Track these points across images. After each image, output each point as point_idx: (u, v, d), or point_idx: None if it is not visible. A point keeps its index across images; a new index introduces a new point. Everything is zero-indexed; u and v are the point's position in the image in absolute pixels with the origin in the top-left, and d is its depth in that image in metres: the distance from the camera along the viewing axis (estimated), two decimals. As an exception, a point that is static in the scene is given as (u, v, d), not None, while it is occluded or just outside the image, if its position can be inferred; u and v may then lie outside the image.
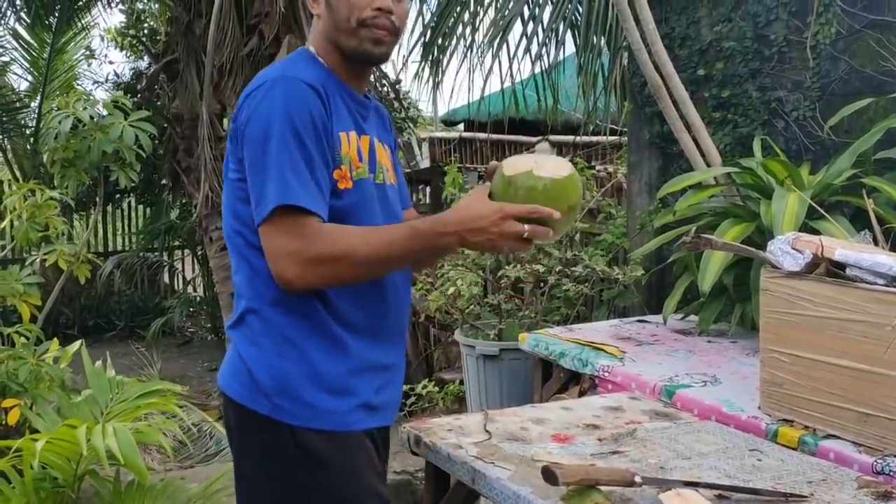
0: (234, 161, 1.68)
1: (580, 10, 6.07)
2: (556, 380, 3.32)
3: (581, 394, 3.13)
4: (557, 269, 4.41)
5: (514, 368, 4.16)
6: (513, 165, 1.62)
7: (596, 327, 3.67)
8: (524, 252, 1.86)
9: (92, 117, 3.23)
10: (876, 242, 2.61)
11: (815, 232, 2.82)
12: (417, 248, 1.60)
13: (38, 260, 3.24)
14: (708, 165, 3.77)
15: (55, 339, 3.29)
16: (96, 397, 2.89)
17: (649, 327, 3.61)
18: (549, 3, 6.05)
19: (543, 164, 1.61)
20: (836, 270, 2.26)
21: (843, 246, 2.32)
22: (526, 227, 1.56)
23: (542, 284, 4.73)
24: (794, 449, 2.26)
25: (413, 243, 1.59)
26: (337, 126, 1.67)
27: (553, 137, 6.56)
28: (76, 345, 3.19)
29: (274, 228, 1.56)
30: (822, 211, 2.96)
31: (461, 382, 4.85)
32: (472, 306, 4.50)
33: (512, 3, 5.88)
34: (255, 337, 1.68)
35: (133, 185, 3.75)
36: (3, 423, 2.91)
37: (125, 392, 3.00)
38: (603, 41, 6.09)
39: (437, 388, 5.05)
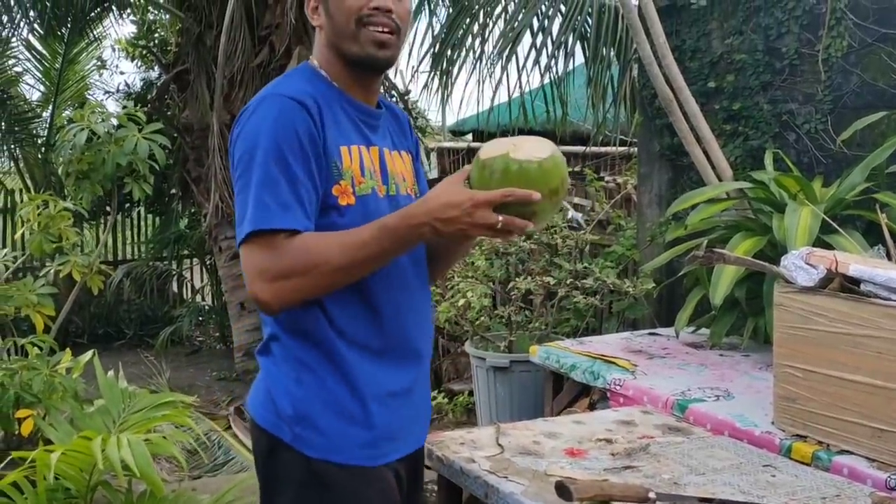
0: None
1: (590, 21, 6.09)
2: (566, 392, 3.31)
3: (591, 406, 3.13)
4: (568, 282, 4.41)
5: (524, 381, 4.16)
6: (488, 150, 1.52)
7: (607, 340, 3.67)
8: (508, 241, 1.77)
9: (107, 130, 3.24)
10: (889, 257, 2.61)
11: (828, 246, 2.82)
12: (390, 245, 1.54)
13: (51, 271, 3.25)
14: (719, 178, 3.78)
15: (68, 349, 3.30)
16: (109, 408, 2.90)
17: (661, 340, 3.61)
18: (559, 14, 6.07)
19: (521, 146, 1.50)
20: (850, 286, 2.26)
21: (858, 261, 2.32)
22: (500, 217, 1.46)
23: (552, 296, 4.72)
24: (807, 465, 2.26)
25: (384, 241, 1.54)
26: (336, 139, 1.63)
27: (562, 148, 6.56)
28: (88, 355, 3.21)
29: (247, 251, 1.55)
30: (836, 225, 2.96)
31: (470, 393, 4.85)
32: (482, 318, 4.50)
33: (521, 15, 5.90)
34: (277, 364, 1.66)
35: (146, 195, 3.76)
36: (17, 433, 2.92)
37: (137, 403, 3.01)
38: (612, 53, 6.11)
39: (446, 400, 5.05)
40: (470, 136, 11.52)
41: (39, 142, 8.29)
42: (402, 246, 1.56)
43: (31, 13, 6.96)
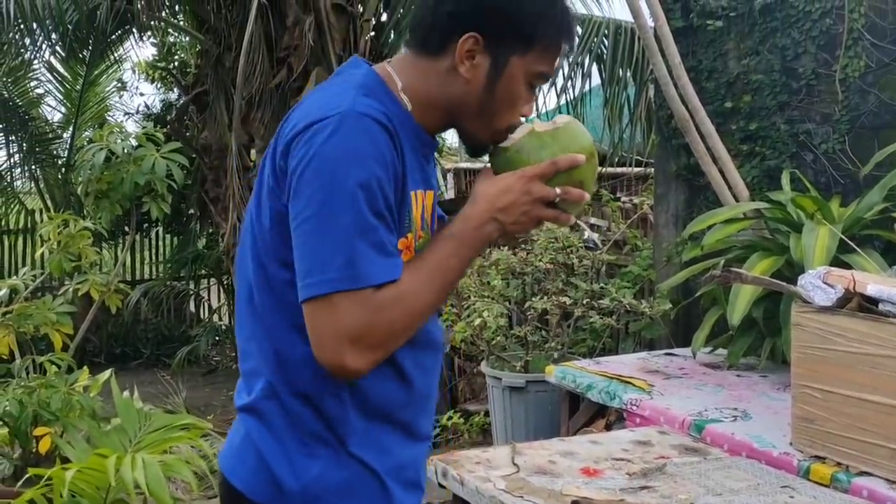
0: (275, 203, 1.32)
1: (606, 43, 6.12)
2: (583, 412, 3.30)
3: (608, 427, 3.11)
4: (584, 302, 4.40)
5: (540, 401, 4.14)
6: (508, 139, 1.39)
7: (623, 360, 3.66)
8: (566, 224, 1.49)
9: (126, 150, 3.27)
10: (908, 277, 2.59)
11: (847, 266, 2.80)
12: (467, 256, 1.34)
13: (70, 290, 3.28)
14: (735, 198, 3.76)
15: (86, 368, 3.32)
16: (125, 427, 2.91)
17: (677, 360, 3.59)
18: (575, 36, 6.09)
19: (538, 123, 1.39)
20: (868, 306, 2.24)
21: (876, 281, 2.31)
22: (557, 189, 1.33)
23: (568, 316, 4.71)
24: (826, 486, 2.24)
25: (464, 254, 1.33)
26: (409, 181, 1.35)
27: (578, 169, 6.58)
28: (106, 374, 3.23)
29: (328, 309, 1.25)
30: (853, 245, 2.94)
31: (486, 414, 4.83)
32: (498, 338, 4.49)
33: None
34: (272, 427, 1.37)
35: (165, 215, 3.78)
36: (35, 450, 2.94)
37: (153, 423, 3.02)
38: (629, 74, 6.13)
39: (462, 420, 5.03)
40: (486, 157, 11.55)
41: (60, 162, 8.39)
42: (474, 253, 1.36)
43: (53, 36, 7.07)
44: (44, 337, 3.22)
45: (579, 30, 6.16)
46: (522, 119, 1.42)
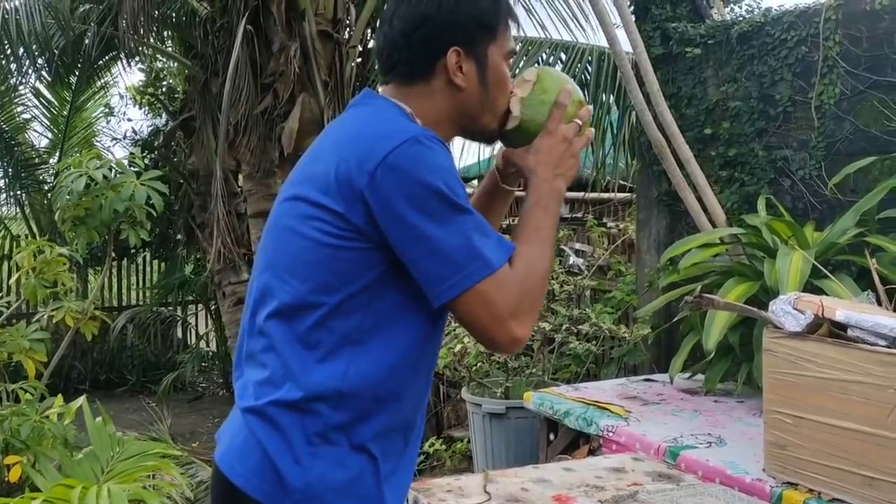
0: (327, 223, 1.39)
1: (589, 69, 6.16)
2: (560, 439, 3.28)
3: (591, 452, 3.10)
4: (565, 328, 4.39)
5: (520, 427, 4.12)
6: (510, 119, 1.57)
7: (603, 386, 3.65)
8: (591, 139, 1.68)
9: (105, 176, 3.26)
10: (879, 303, 2.60)
11: (820, 291, 2.81)
12: (555, 213, 1.52)
13: (45, 316, 3.26)
14: (713, 224, 3.78)
15: (59, 395, 3.29)
16: (98, 455, 2.87)
17: (656, 386, 3.58)
18: (559, 62, 6.14)
19: (517, 91, 1.57)
20: (837, 331, 2.25)
21: (845, 306, 2.31)
22: (575, 121, 1.55)
23: (550, 342, 4.70)
24: (798, 513, 2.23)
25: (552, 212, 1.51)
26: None
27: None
28: (79, 400, 3.20)
29: (479, 297, 1.36)
30: (826, 271, 2.95)
31: (469, 440, 4.80)
32: (479, 364, 4.47)
33: (522, 63, 5.97)
34: (284, 430, 1.42)
35: (145, 242, 3.76)
36: (5, 480, 2.90)
37: (126, 451, 2.98)
38: (612, 99, 6.16)
39: (444, 447, 5.00)
40: (475, 182, 11.59)
41: (46, 188, 8.39)
42: (558, 211, 1.55)
43: (40, 61, 7.09)
44: (10, 366, 3.19)
45: (563, 56, 6.20)
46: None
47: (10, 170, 8.18)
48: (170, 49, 7.96)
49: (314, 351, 1.41)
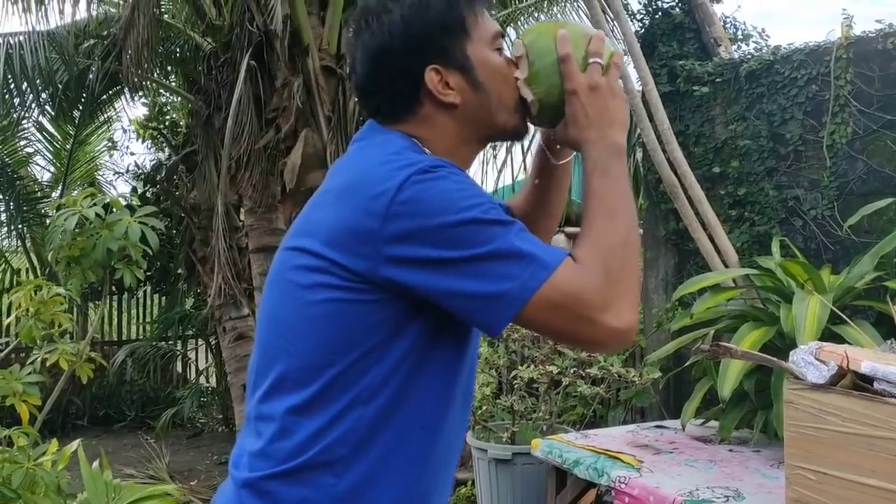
0: (332, 275, 1.24)
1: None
2: (570, 489, 3.18)
3: (598, 498, 3.00)
4: (572, 371, 4.30)
5: (527, 474, 4.01)
6: (531, 104, 1.39)
7: (612, 433, 3.54)
8: (620, 74, 1.45)
9: (98, 215, 3.18)
10: (902, 352, 2.51)
11: (838, 337, 2.72)
12: (619, 171, 1.32)
13: (38, 359, 3.17)
14: (725, 264, 3.70)
15: (55, 438, 3.19)
16: (91, 503, 2.78)
17: (668, 434, 3.48)
18: None
19: (517, 72, 1.39)
20: (862, 384, 2.16)
21: (870, 357, 2.22)
22: (593, 60, 1.34)
23: (557, 384, 4.60)
24: (823, 576, 2.12)
25: (615, 172, 1.31)
26: None
27: (568, 229, 6.54)
28: (74, 445, 3.10)
29: (545, 304, 1.18)
30: (845, 317, 2.86)
31: (474, 483, 4.68)
32: (485, 406, 4.37)
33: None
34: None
35: (140, 281, 3.68)
36: (-5, 530, 2.80)
37: (123, 496, 2.89)
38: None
39: (448, 490, 4.88)
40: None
41: (48, 221, 8.33)
42: (623, 166, 1.34)
43: (43, 95, 7.06)
44: (11, 408, 3.10)
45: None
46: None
47: (12, 203, 8.14)
48: (173, 84, 7.95)
49: (316, 416, 1.25)
